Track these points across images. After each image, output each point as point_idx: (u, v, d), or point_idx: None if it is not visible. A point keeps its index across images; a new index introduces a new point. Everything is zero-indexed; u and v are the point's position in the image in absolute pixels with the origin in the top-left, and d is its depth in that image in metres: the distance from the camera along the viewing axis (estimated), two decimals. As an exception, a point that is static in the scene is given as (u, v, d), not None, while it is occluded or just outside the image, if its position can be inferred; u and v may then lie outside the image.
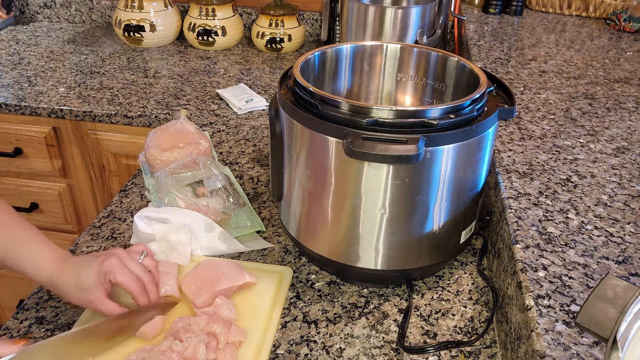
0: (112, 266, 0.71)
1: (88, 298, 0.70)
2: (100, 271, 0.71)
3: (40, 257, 0.71)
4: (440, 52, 0.88)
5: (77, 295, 0.71)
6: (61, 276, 0.71)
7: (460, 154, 0.71)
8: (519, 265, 0.69)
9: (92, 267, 0.71)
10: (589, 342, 0.58)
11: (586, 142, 0.97)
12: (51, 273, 0.71)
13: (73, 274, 0.71)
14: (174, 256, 0.84)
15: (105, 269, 0.71)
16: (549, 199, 0.81)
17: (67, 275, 0.71)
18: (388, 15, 1.39)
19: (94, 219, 0.97)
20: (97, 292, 0.70)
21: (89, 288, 0.70)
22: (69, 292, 0.71)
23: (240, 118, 1.32)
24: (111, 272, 0.71)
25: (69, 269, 0.71)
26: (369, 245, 0.76)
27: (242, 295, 0.80)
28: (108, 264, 0.71)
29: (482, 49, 1.46)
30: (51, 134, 1.41)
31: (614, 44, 1.53)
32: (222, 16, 1.73)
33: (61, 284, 0.71)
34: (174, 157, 0.99)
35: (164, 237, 0.85)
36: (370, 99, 0.96)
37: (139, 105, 1.37)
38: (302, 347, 0.73)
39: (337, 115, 0.68)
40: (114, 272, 0.71)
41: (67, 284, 0.70)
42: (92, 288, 0.70)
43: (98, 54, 1.70)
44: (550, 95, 1.17)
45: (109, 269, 0.71)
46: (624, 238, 0.73)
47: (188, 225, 0.87)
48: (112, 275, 0.71)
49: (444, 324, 0.77)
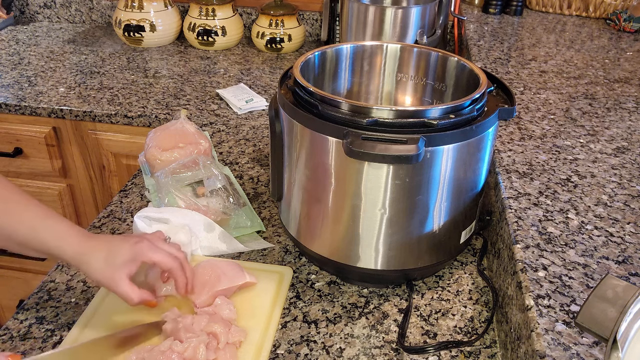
0: (145, 248, 0.71)
1: (113, 276, 0.69)
2: (132, 251, 0.70)
3: (65, 232, 0.70)
4: (440, 52, 0.88)
5: (103, 271, 0.69)
6: (90, 251, 0.69)
7: (460, 154, 0.71)
8: (519, 265, 0.69)
9: (125, 247, 0.70)
10: (589, 342, 0.58)
11: (586, 142, 0.97)
12: (78, 247, 0.69)
13: (104, 249, 0.70)
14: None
15: (139, 250, 0.71)
16: (549, 199, 0.81)
17: (98, 250, 0.70)
18: (388, 15, 1.39)
19: (94, 219, 0.97)
20: (123, 273, 0.69)
21: (117, 268, 0.69)
22: (95, 267, 0.69)
23: (240, 118, 1.32)
24: (144, 253, 0.71)
25: (100, 244, 0.70)
26: (369, 245, 0.76)
27: (242, 295, 0.80)
28: (141, 246, 0.71)
29: (482, 49, 1.46)
30: (51, 134, 1.41)
31: (614, 44, 1.53)
32: (222, 16, 1.73)
33: (88, 258, 0.69)
34: (174, 157, 0.99)
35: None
36: (370, 99, 0.96)
37: (139, 105, 1.37)
38: (302, 347, 0.73)
39: (337, 115, 0.68)
40: (147, 253, 0.71)
41: (95, 259, 0.69)
42: (120, 267, 0.69)
43: (98, 54, 1.70)
44: (550, 95, 1.17)
45: (142, 251, 0.71)
46: (624, 238, 0.73)
47: (188, 225, 0.87)
48: (148, 255, 0.71)
49: (444, 324, 0.77)
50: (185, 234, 0.85)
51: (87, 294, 0.81)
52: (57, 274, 0.85)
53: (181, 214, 0.88)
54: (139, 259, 0.71)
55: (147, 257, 0.71)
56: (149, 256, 0.71)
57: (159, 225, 0.86)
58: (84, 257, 0.69)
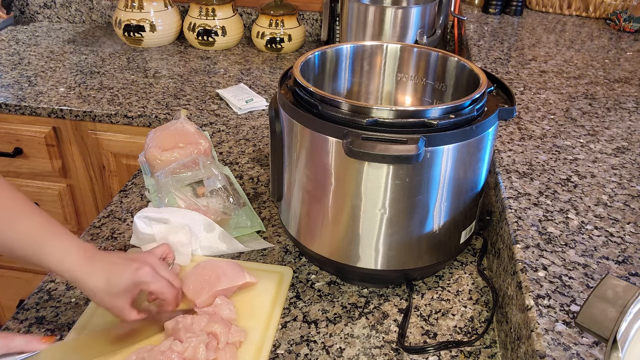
0: (146, 276, 0.71)
1: (114, 303, 0.69)
2: (133, 280, 0.70)
3: (66, 252, 0.68)
4: (440, 52, 0.88)
5: (104, 298, 0.69)
6: (90, 276, 0.68)
7: (460, 154, 0.71)
8: (519, 265, 0.69)
9: (125, 275, 0.69)
10: (589, 342, 0.58)
11: (586, 142, 0.97)
12: (78, 270, 0.68)
13: (103, 276, 0.69)
14: (176, 257, 0.84)
15: (139, 279, 0.70)
16: (549, 199, 0.81)
17: (97, 277, 0.68)
18: (388, 15, 1.39)
19: (94, 219, 0.97)
20: (125, 300, 0.70)
21: (117, 294, 0.69)
22: (96, 293, 0.69)
23: (240, 118, 1.32)
24: (145, 282, 0.71)
25: (99, 269, 0.69)
26: (369, 245, 0.76)
27: (242, 295, 0.80)
28: (143, 273, 0.70)
29: (482, 49, 1.46)
30: (51, 134, 1.41)
31: (614, 44, 1.53)
32: (222, 16, 1.73)
33: (88, 284, 0.68)
34: (174, 157, 0.99)
35: (164, 238, 0.85)
36: (370, 99, 0.96)
37: (139, 105, 1.37)
38: (302, 347, 0.73)
39: (337, 115, 0.68)
40: (148, 283, 0.71)
41: (95, 285, 0.68)
42: (120, 295, 0.69)
43: (98, 54, 1.70)
44: (550, 95, 1.17)
45: (143, 279, 0.70)
46: (624, 238, 0.73)
47: (188, 225, 0.87)
48: (147, 285, 0.71)
49: (444, 324, 0.77)
50: (185, 234, 0.85)
51: (87, 294, 0.81)
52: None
53: (181, 214, 0.88)
54: (139, 287, 0.71)
55: (147, 286, 0.71)
56: (149, 286, 0.71)
57: (159, 225, 0.86)
58: (84, 281, 0.69)
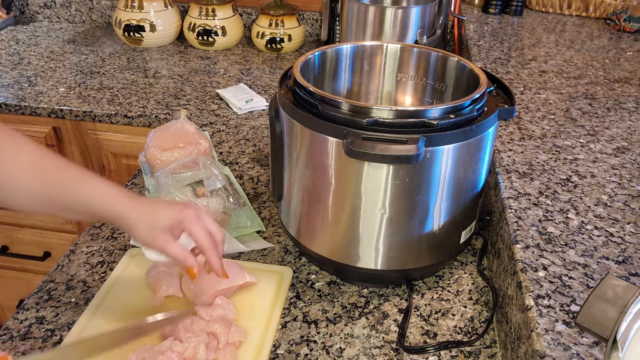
0: (190, 216, 0.70)
1: (156, 237, 0.69)
2: (177, 217, 0.70)
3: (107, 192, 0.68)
4: (440, 52, 0.88)
5: (146, 232, 0.69)
6: (135, 211, 0.68)
7: (460, 154, 0.71)
8: (519, 265, 0.69)
9: (172, 211, 0.70)
10: (589, 342, 0.58)
11: (586, 142, 0.97)
12: (124, 207, 0.68)
13: (149, 211, 0.69)
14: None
15: (183, 217, 0.70)
16: (549, 199, 0.81)
17: (142, 212, 0.69)
18: (388, 15, 1.39)
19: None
20: (167, 236, 0.69)
21: (160, 229, 0.69)
22: (140, 228, 0.69)
23: (240, 118, 1.32)
24: (188, 221, 0.70)
25: (144, 206, 0.69)
26: (369, 245, 0.76)
27: (242, 295, 0.80)
28: (187, 213, 0.70)
29: (482, 49, 1.46)
30: (51, 134, 1.41)
31: (614, 44, 1.53)
32: (222, 16, 1.73)
33: (134, 218, 0.68)
34: (174, 157, 0.99)
35: None
36: (370, 99, 0.96)
37: (139, 105, 1.37)
38: (302, 347, 0.73)
39: (337, 115, 0.68)
40: (190, 223, 0.70)
41: (141, 219, 0.68)
42: (165, 230, 0.69)
43: (98, 54, 1.70)
44: (550, 95, 1.17)
45: (186, 217, 0.70)
46: (624, 238, 0.73)
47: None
48: (188, 225, 0.70)
49: (444, 324, 0.77)
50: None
51: (87, 294, 0.81)
52: (57, 274, 0.85)
53: None
54: (182, 226, 0.70)
55: (188, 227, 0.70)
56: (189, 226, 0.70)
57: None
58: (129, 215, 0.68)
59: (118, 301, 0.78)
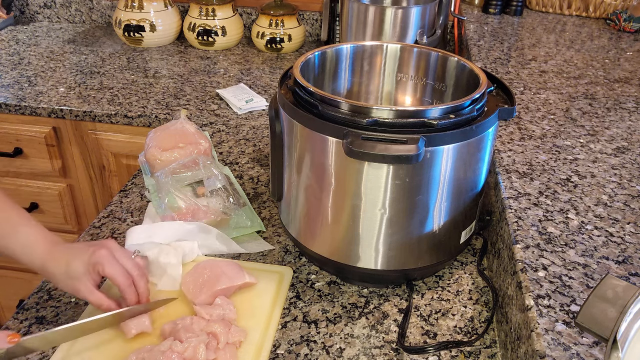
0: (101, 258, 0.71)
1: (77, 287, 0.71)
2: (89, 262, 0.71)
3: (32, 243, 0.72)
4: (440, 52, 0.88)
5: (66, 282, 0.71)
6: (52, 262, 0.71)
7: (460, 154, 0.71)
8: (519, 265, 0.69)
9: (83, 257, 0.71)
10: (589, 342, 0.58)
11: (586, 142, 0.97)
12: (42, 258, 0.71)
13: (63, 261, 0.71)
14: (164, 280, 0.81)
15: (95, 260, 0.71)
16: (549, 199, 0.81)
17: (58, 262, 0.71)
18: (388, 15, 1.39)
19: (94, 219, 0.97)
20: (86, 282, 0.71)
21: (78, 277, 0.70)
22: (59, 279, 0.71)
23: (240, 118, 1.32)
24: (100, 263, 0.71)
25: (60, 255, 0.72)
26: (369, 245, 0.76)
27: (242, 295, 0.80)
28: (98, 255, 0.71)
29: (482, 49, 1.46)
30: (51, 134, 1.41)
31: (614, 44, 1.53)
32: (222, 16, 1.73)
33: (51, 270, 0.71)
34: (174, 157, 0.99)
35: (156, 259, 0.82)
36: (370, 99, 0.96)
37: (139, 105, 1.37)
38: (302, 347, 0.73)
39: (337, 115, 0.68)
40: (102, 264, 0.71)
41: (57, 271, 0.71)
42: (81, 277, 0.70)
43: (98, 54, 1.70)
44: (550, 95, 1.17)
45: (98, 260, 0.71)
46: (624, 238, 0.73)
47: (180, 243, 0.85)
48: (101, 266, 0.71)
49: (444, 324, 0.77)
50: (175, 256, 0.83)
51: (87, 294, 0.81)
52: (57, 274, 0.85)
53: (172, 228, 0.87)
54: (95, 269, 0.71)
55: (101, 268, 0.71)
56: (102, 268, 0.71)
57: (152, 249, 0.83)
58: (47, 268, 0.71)
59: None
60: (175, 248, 0.84)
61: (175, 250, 0.84)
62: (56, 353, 0.70)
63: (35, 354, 0.71)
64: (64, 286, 0.72)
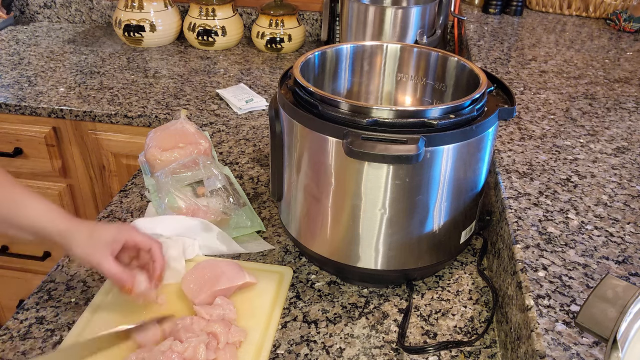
0: (131, 230, 0.75)
1: (96, 254, 0.71)
2: (117, 230, 0.73)
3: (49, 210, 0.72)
4: (440, 52, 0.88)
5: (88, 243, 0.71)
6: (77, 229, 0.72)
7: (460, 154, 0.71)
8: (519, 265, 0.69)
9: (109, 229, 0.74)
10: (589, 342, 0.58)
11: (586, 142, 0.97)
12: (63, 225, 0.72)
13: (86, 229, 0.72)
14: (168, 273, 0.82)
15: (123, 229, 0.74)
16: (549, 199, 0.81)
17: (83, 229, 0.72)
18: (388, 15, 1.39)
19: (94, 219, 0.97)
20: (104, 252, 0.72)
21: (98, 245, 0.72)
22: (80, 244, 0.71)
23: (240, 118, 1.32)
24: (129, 234, 0.74)
25: (84, 225, 0.73)
26: (369, 245, 0.76)
27: (242, 295, 0.80)
28: (127, 227, 0.75)
29: (482, 49, 1.46)
30: (51, 134, 1.41)
31: (614, 44, 1.53)
32: (222, 16, 1.73)
33: (74, 235, 0.71)
34: (174, 157, 0.99)
35: None
36: (370, 99, 0.96)
37: (139, 105, 1.37)
38: (302, 347, 0.73)
39: (337, 115, 0.68)
40: (131, 234, 0.74)
41: (80, 236, 0.71)
42: (101, 246, 0.72)
43: (98, 54, 1.70)
44: (550, 95, 1.17)
45: (126, 230, 0.74)
46: (624, 238, 0.73)
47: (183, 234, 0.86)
48: (130, 236, 0.74)
49: (444, 324, 0.77)
50: (176, 249, 0.84)
51: (87, 294, 0.81)
52: (57, 274, 0.85)
53: (174, 223, 0.87)
54: (123, 237, 0.73)
55: (130, 236, 0.74)
56: (132, 235, 0.74)
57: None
58: (68, 233, 0.71)
59: (118, 301, 0.78)
60: (175, 241, 0.85)
61: (176, 244, 0.84)
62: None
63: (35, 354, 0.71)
64: (82, 253, 0.72)
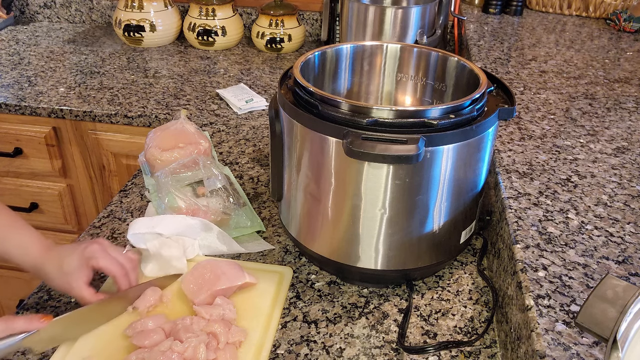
0: (95, 251, 0.74)
1: (70, 283, 0.73)
2: (83, 256, 0.73)
3: (27, 243, 0.74)
4: (440, 52, 0.88)
5: (60, 279, 0.73)
6: (47, 261, 0.74)
7: (460, 154, 0.71)
8: (519, 265, 0.69)
9: (76, 253, 0.74)
10: (589, 342, 0.58)
11: (586, 142, 0.97)
12: (37, 258, 0.74)
13: (57, 258, 0.74)
14: (171, 271, 0.83)
15: (88, 254, 0.74)
16: (549, 199, 0.81)
17: (52, 260, 0.74)
18: (388, 15, 1.39)
19: (94, 219, 0.97)
20: (78, 278, 0.73)
21: (72, 272, 0.73)
22: (53, 276, 0.74)
23: (240, 118, 1.32)
24: (94, 257, 0.74)
25: (54, 254, 0.74)
26: (369, 245, 0.76)
27: (242, 295, 0.80)
28: (91, 249, 0.74)
29: (482, 49, 1.46)
30: (51, 134, 1.41)
31: (614, 44, 1.53)
32: (222, 16, 1.73)
33: (46, 268, 0.74)
34: (174, 157, 0.99)
35: (158, 253, 0.83)
36: (370, 99, 0.96)
37: (139, 105, 1.37)
38: (302, 347, 0.73)
39: (337, 115, 0.68)
40: (96, 257, 0.74)
41: (51, 269, 0.73)
42: (75, 272, 0.73)
43: (98, 54, 1.70)
44: (550, 95, 1.17)
45: (91, 254, 0.74)
46: (624, 238, 0.73)
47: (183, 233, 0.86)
48: (95, 260, 0.74)
49: (444, 324, 0.77)
50: (177, 248, 0.84)
51: (87, 294, 0.81)
52: (57, 274, 0.85)
53: (175, 222, 0.86)
54: (89, 263, 0.74)
55: (95, 262, 0.74)
56: (96, 261, 0.74)
57: (153, 240, 0.84)
58: (42, 267, 0.74)
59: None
60: (176, 241, 0.85)
61: (177, 243, 0.85)
62: (56, 353, 0.70)
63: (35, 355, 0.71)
64: (58, 283, 0.74)
